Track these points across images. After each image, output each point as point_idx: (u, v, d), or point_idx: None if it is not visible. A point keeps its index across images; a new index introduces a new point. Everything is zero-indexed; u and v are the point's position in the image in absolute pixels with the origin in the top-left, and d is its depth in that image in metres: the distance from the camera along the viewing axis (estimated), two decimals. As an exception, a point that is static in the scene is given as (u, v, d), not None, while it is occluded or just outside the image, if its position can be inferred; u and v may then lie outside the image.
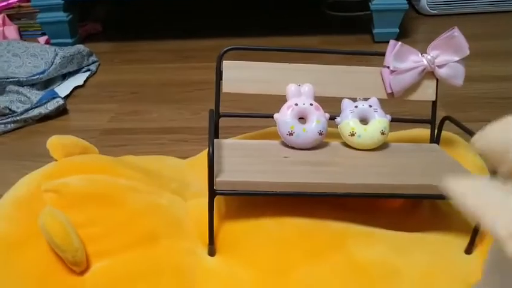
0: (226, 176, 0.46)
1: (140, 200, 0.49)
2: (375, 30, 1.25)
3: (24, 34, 1.53)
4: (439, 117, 0.59)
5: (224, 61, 0.56)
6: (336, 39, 1.37)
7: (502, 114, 1.05)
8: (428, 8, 1.44)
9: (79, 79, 1.22)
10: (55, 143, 0.54)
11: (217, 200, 0.47)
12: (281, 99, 0.55)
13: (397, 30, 1.23)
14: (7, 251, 0.45)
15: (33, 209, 0.47)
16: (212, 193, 0.45)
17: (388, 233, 0.50)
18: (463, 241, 0.50)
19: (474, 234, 0.49)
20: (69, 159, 0.53)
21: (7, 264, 0.44)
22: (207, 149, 0.64)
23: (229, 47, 0.56)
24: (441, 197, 0.49)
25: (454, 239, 0.51)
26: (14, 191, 0.51)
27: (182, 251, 0.48)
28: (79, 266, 0.44)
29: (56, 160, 0.54)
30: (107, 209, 0.48)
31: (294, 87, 0.55)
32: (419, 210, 0.55)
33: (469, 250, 0.50)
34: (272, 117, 0.54)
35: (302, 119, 0.54)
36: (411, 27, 1.37)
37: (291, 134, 0.53)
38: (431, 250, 0.49)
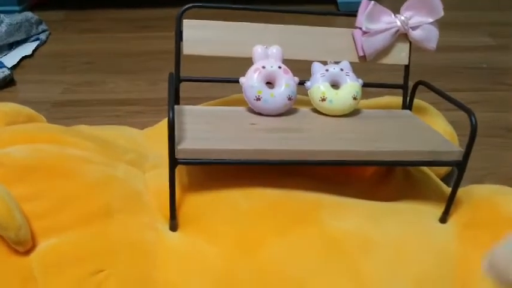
0: (189, 144, 0.42)
1: (92, 172, 0.45)
2: (339, 0, 1.23)
3: (-33, 1, 1.41)
4: (410, 85, 0.57)
5: (184, 20, 0.51)
6: (303, 8, 1.33)
7: (469, 84, 1.04)
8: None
9: (27, 48, 1.14)
10: (-6, 110, 0.48)
11: (179, 170, 0.43)
12: (248, 62, 0.51)
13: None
14: None
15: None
16: (173, 162, 0.41)
17: (361, 202, 0.47)
18: (438, 210, 0.48)
19: (449, 203, 0.47)
20: (11, 128, 0.47)
21: None
22: (165, 119, 0.60)
23: (189, 5, 0.51)
24: (419, 163, 0.48)
25: (428, 207, 0.49)
26: None
27: (141, 227, 0.43)
28: (23, 245, 0.39)
29: (-4, 129, 0.48)
30: (55, 181, 0.43)
31: (261, 49, 0.51)
32: (392, 177, 0.52)
33: (443, 219, 0.48)
34: (237, 81, 0.50)
35: (270, 83, 0.50)
36: (376, -2, 1.35)
37: (258, 99, 0.49)
38: (405, 220, 0.47)
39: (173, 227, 0.44)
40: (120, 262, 0.41)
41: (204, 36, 0.51)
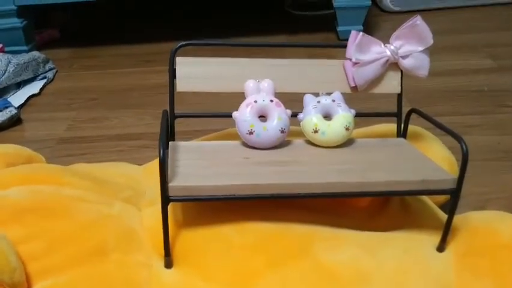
0: (181, 181, 0.43)
1: (87, 211, 0.45)
2: (339, 28, 1.25)
3: (-24, 42, 1.46)
4: (405, 112, 0.57)
5: (177, 58, 0.52)
6: (302, 39, 1.35)
7: (471, 107, 1.04)
8: (390, 5, 1.45)
9: (34, 87, 1.16)
10: (-5, 153, 0.49)
11: (173, 207, 0.44)
12: (240, 97, 0.52)
13: (361, 27, 1.23)
14: None
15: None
16: (165, 200, 0.42)
17: (356, 234, 0.47)
18: (434, 238, 0.48)
19: (446, 231, 0.47)
20: (9, 170, 0.49)
21: None
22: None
23: (184, 43, 0.52)
24: (411, 192, 0.48)
25: (425, 236, 0.49)
26: None
27: (136, 265, 0.44)
28: (17, 288, 0.39)
29: (-4, 171, 0.50)
30: (50, 221, 0.44)
31: (253, 84, 0.52)
32: (388, 207, 0.52)
33: (441, 248, 0.47)
34: (231, 116, 0.51)
35: (263, 117, 0.51)
36: (375, 25, 1.37)
37: (251, 133, 0.50)
38: (402, 249, 0.47)
39: (168, 264, 0.44)
40: (115, 301, 0.42)
41: (196, 72, 0.53)
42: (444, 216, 0.52)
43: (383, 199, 0.53)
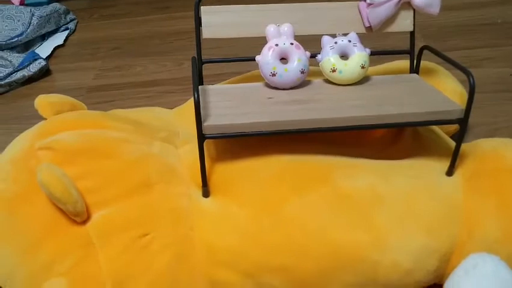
0: (213, 121, 0.48)
1: (132, 151, 0.51)
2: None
3: (-3, -4, 1.49)
4: (419, 47, 0.60)
5: (202, 7, 0.56)
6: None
7: (485, 40, 1.05)
8: None
9: (58, 38, 1.21)
10: (43, 102, 0.55)
11: (207, 143, 0.49)
12: (262, 41, 0.56)
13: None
14: (9, 207, 0.47)
15: (29, 166, 0.48)
16: (201, 138, 0.47)
17: (371, 162, 0.52)
18: (444, 164, 0.52)
19: (454, 157, 0.51)
20: (59, 117, 0.54)
21: (11, 219, 0.46)
22: (191, 99, 0.66)
23: (205, -8, 0.56)
24: (422, 123, 0.52)
25: (435, 162, 0.53)
26: (7, 151, 0.52)
27: (177, 195, 0.50)
28: (80, 217, 0.46)
29: (45, 119, 0.55)
30: (101, 161, 0.49)
31: (274, 28, 0.55)
32: (401, 138, 0.57)
33: (449, 172, 0.52)
34: (254, 59, 0.55)
35: (284, 59, 0.55)
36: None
37: (273, 74, 0.54)
38: (414, 174, 0.52)
39: (205, 193, 0.50)
40: (161, 226, 0.48)
41: (220, 20, 0.56)
42: (453, 145, 0.56)
43: (396, 130, 0.58)
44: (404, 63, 0.66)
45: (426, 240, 0.49)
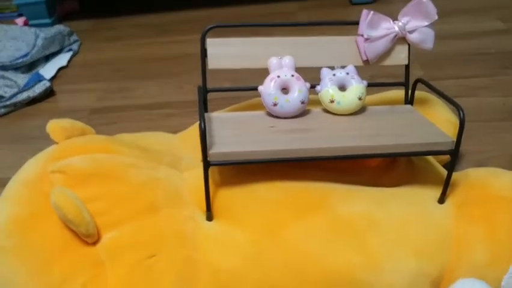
0: (218, 148, 0.51)
1: (139, 175, 0.53)
2: (351, -7, 1.28)
3: (0, 16, 1.52)
4: (416, 76, 0.63)
5: (208, 39, 0.59)
6: (314, 4, 1.40)
7: (479, 69, 1.08)
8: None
9: (62, 59, 1.23)
10: (55, 126, 0.57)
11: (211, 169, 0.52)
12: (264, 71, 0.59)
13: (374, -8, 1.26)
14: (23, 228, 0.49)
15: (42, 189, 0.51)
16: (206, 164, 0.50)
17: (367, 189, 0.55)
18: (436, 192, 0.55)
19: (446, 185, 0.54)
20: (70, 141, 0.56)
21: (25, 239, 0.48)
22: (196, 123, 0.69)
23: (211, 26, 0.59)
24: (415, 153, 0.55)
25: (428, 190, 0.56)
26: (20, 174, 0.55)
27: (182, 218, 0.52)
28: (91, 238, 0.48)
29: (57, 143, 0.57)
30: (110, 184, 0.52)
31: (276, 60, 0.58)
32: (395, 167, 0.60)
33: (441, 200, 0.55)
34: (256, 89, 0.58)
35: (285, 89, 0.58)
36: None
37: (275, 104, 0.57)
38: (407, 201, 0.54)
39: (209, 217, 0.53)
40: (167, 248, 0.50)
41: (225, 52, 0.59)
42: (445, 173, 0.59)
43: (391, 159, 0.61)
44: (399, 93, 0.69)
45: (419, 265, 0.51)
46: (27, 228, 0.49)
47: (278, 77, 0.57)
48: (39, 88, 1.05)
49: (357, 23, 0.61)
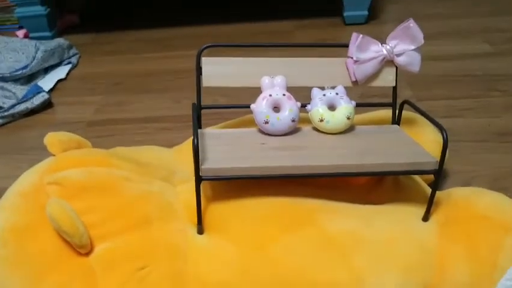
0: (210, 164, 0.52)
1: (133, 188, 0.55)
2: (345, 13, 1.32)
3: (2, 28, 1.54)
4: (405, 96, 0.65)
5: (203, 58, 0.61)
6: (309, 23, 1.43)
7: (466, 91, 1.11)
8: (395, -9, 1.50)
9: (61, 72, 1.25)
10: (52, 139, 0.59)
11: (203, 184, 0.53)
12: (257, 89, 0.61)
13: (366, 12, 1.29)
14: (19, 238, 0.50)
15: (38, 200, 0.52)
16: (198, 179, 0.51)
17: (354, 206, 0.57)
18: (421, 210, 0.57)
19: (429, 204, 0.56)
20: (67, 154, 0.58)
21: (20, 249, 0.50)
22: (190, 138, 0.71)
23: (206, 45, 0.61)
24: (401, 172, 0.57)
25: (412, 208, 0.58)
26: (17, 185, 0.56)
27: (174, 231, 0.54)
28: (85, 249, 0.50)
29: (53, 155, 0.59)
30: (105, 197, 0.54)
31: (268, 80, 0.61)
32: (382, 184, 0.61)
33: (425, 218, 0.57)
34: (249, 106, 0.60)
35: (276, 108, 0.60)
36: (380, 9, 1.44)
37: (266, 122, 0.59)
38: (392, 219, 0.56)
39: (200, 231, 0.54)
40: (159, 260, 0.52)
41: (219, 71, 0.61)
42: (430, 192, 0.61)
43: (378, 178, 0.62)
44: (388, 113, 0.71)
45: (402, 282, 0.53)
46: (22, 237, 0.50)
47: (270, 95, 0.59)
48: (37, 100, 1.06)
49: (347, 46, 0.63)
